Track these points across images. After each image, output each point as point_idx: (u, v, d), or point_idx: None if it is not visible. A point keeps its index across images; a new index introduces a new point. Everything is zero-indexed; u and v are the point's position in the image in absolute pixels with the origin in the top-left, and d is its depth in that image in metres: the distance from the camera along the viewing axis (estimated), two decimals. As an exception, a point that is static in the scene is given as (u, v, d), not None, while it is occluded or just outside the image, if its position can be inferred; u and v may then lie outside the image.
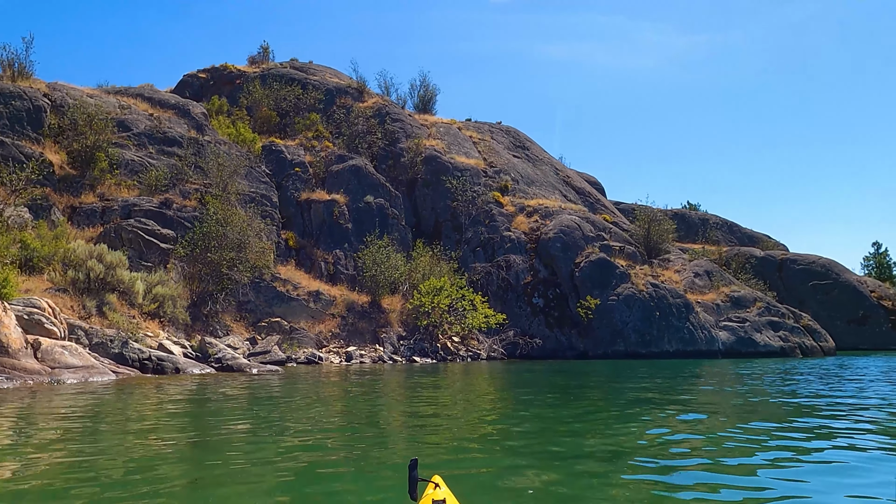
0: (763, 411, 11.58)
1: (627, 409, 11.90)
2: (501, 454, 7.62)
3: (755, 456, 7.42)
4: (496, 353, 33.09)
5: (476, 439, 8.64)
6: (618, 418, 10.62)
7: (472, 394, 14.96)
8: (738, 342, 36.39)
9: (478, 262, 37.27)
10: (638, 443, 8.39)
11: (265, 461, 7.07)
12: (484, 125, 48.55)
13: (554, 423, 10.02)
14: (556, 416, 10.78)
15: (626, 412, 11.40)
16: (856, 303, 57.80)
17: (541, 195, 41.72)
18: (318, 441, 8.52)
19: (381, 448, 8.12)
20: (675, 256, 42.27)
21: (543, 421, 10.32)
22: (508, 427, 9.76)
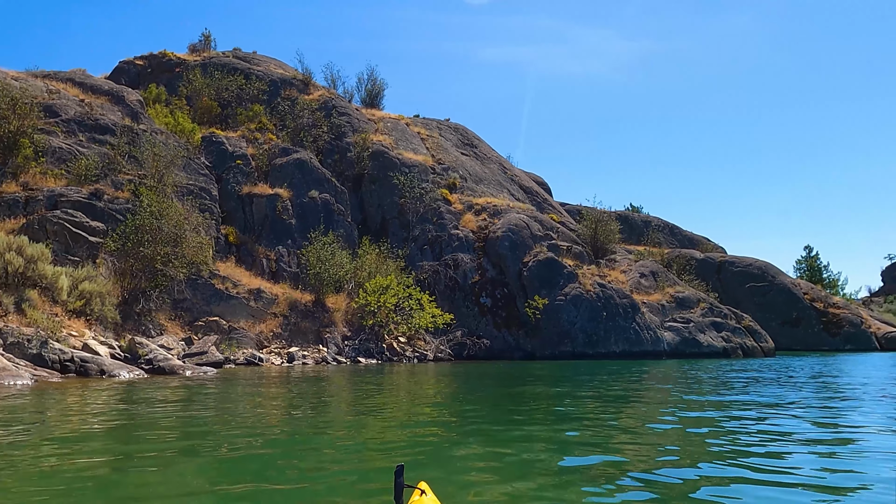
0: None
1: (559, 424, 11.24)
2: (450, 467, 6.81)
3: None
4: (443, 353, 32.32)
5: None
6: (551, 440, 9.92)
7: (417, 401, 14.15)
8: (682, 343, 36.40)
9: (425, 260, 36.45)
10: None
11: (196, 484, 6.12)
12: (432, 122, 47.75)
13: (498, 444, 9.26)
14: (502, 438, 10.03)
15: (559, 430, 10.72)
16: (790, 305, 58.91)
17: (489, 193, 41.12)
18: (255, 455, 7.57)
19: (320, 468, 7.22)
20: (621, 257, 42.20)
21: (488, 439, 9.56)
22: (451, 443, 8.97)
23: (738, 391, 15.83)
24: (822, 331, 58.27)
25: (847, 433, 9.51)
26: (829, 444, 8.65)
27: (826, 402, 13.53)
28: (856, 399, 14.32)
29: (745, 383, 18.52)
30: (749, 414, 11.46)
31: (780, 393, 15.39)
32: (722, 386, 17.63)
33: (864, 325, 59.60)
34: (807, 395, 15.16)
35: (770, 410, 12.01)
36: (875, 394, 15.43)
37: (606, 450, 8.13)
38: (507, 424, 9.54)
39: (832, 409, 12.27)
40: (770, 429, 9.82)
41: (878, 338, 58.58)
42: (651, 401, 14.18)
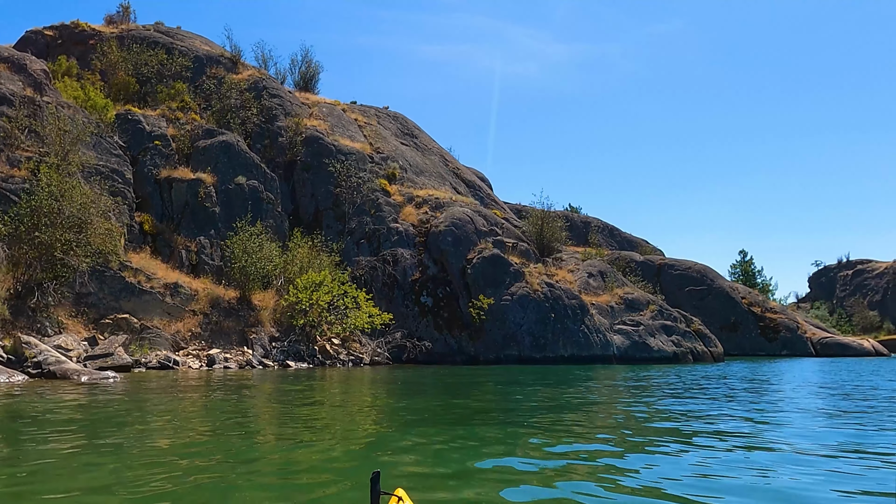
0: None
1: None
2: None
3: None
4: (380, 357, 29.71)
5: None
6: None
7: (353, 421, 11.58)
8: (632, 347, 34.68)
9: (362, 255, 33.75)
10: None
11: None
12: (370, 109, 45.02)
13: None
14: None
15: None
16: (728, 309, 58.28)
17: (431, 186, 38.68)
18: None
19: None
20: (567, 256, 40.34)
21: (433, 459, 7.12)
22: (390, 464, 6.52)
23: (707, 408, 13.80)
24: (759, 336, 57.82)
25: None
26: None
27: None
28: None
29: (711, 395, 16.54)
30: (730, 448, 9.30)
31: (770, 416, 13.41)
32: (679, 398, 15.61)
33: (800, 331, 59.49)
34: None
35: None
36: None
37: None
38: (454, 464, 7.09)
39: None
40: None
41: (812, 343, 58.50)
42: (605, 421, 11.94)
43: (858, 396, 15.41)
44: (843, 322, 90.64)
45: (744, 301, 60.07)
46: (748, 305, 59.82)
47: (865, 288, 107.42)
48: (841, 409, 12.82)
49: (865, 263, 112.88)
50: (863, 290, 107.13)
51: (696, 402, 13.85)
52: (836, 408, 13.10)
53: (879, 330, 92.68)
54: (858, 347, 59.42)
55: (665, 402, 13.70)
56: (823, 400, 14.78)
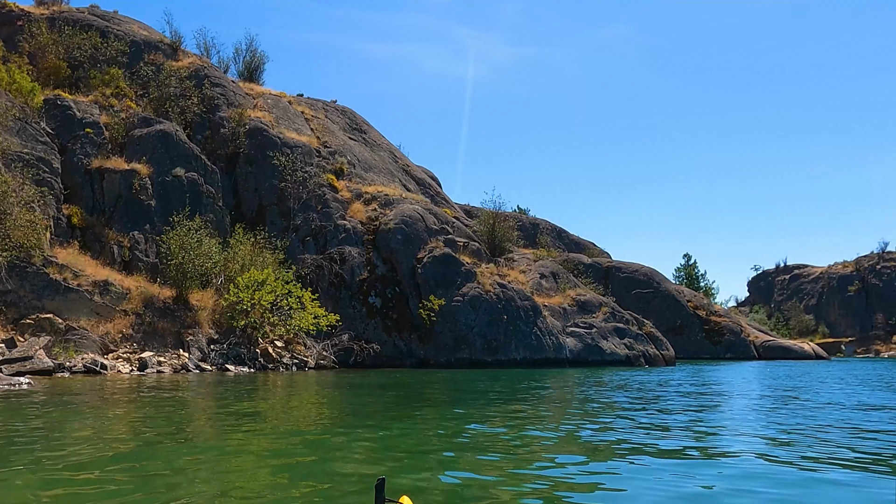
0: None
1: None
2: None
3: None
4: (326, 360, 28.26)
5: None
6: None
7: (294, 441, 10.27)
8: (585, 349, 33.94)
9: (308, 253, 32.21)
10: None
11: None
12: (318, 102, 43.39)
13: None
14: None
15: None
16: (674, 312, 58.31)
17: (380, 182, 37.31)
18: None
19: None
20: (519, 256, 39.44)
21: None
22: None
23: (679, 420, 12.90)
24: (704, 339, 57.98)
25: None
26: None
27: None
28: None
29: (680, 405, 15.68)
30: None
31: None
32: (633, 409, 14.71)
33: (743, 334, 59.91)
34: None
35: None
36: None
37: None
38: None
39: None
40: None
41: (756, 346, 58.96)
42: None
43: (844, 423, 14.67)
44: (780, 326, 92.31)
45: (689, 304, 60.25)
46: (693, 308, 60.02)
47: (802, 292, 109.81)
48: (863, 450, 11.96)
49: (802, 268, 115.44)
50: (799, 295, 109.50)
51: (668, 437, 12.89)
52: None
53: (815, 333, 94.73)
54: (800, 351, 60.13)
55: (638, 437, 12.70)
56: (791, 417, 13.97)
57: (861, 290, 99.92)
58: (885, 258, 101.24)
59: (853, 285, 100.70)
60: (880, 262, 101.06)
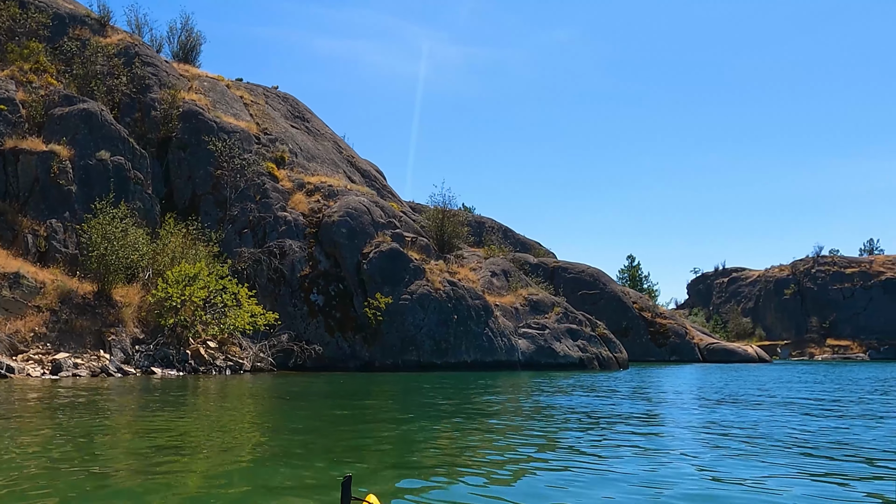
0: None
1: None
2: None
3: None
4: (263, 363, 26.09)
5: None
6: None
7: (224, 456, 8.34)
8: (537, 352, 32.49)
9: (245, 246, 29.91)
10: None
11: None
12: (258, 88, 40.96)
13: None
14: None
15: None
16: (620, 314, 57.54)
17: (323, 172, 35.18)
18: None
19: None
20: (469, 253, 37.82)
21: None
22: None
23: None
24: (649, 341, 57.38)
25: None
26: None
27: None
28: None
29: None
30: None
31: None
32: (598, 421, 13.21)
33: (688, 336, 59.60)
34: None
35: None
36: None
37: None
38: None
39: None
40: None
41: (700, 349, 58.68)
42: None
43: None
44: (718, 328, 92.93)
45: (635, 306, 59.65)
46: (639, 310, 59.45)
47: (740, 295, 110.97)
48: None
49: (740, 272, 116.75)
50: (737, 298, 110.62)
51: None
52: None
53: (752, 336, 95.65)
54: (743, 353, 60.09)
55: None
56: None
57: (797, 293, 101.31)
58: (820, 262, 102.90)
59: (789, 289, 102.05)
60: (815, 266, 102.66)
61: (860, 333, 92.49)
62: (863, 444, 9.26)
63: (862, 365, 57.04)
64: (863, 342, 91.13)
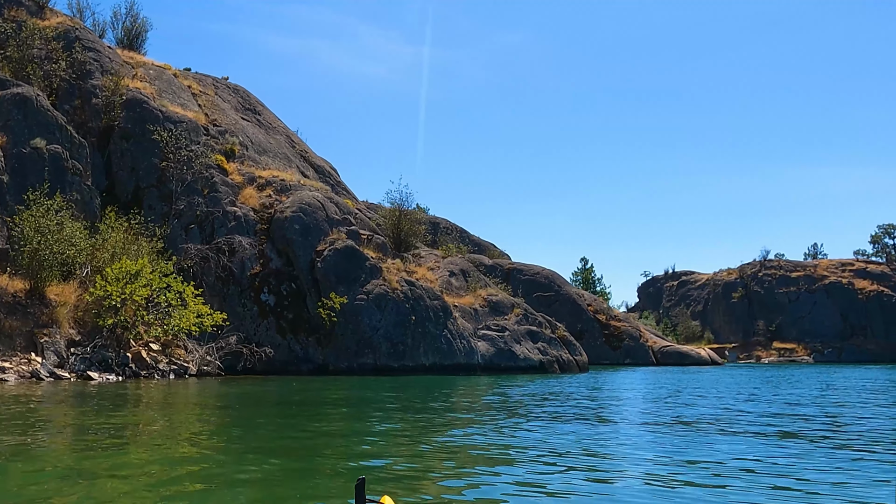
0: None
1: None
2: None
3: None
4: (210, 366, 24.57)
5: None
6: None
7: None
8: (497, 355, 31.51)
9: (192, 242, 28.29)
10: None
11: None
12: (207, 78, 39.19)
13: None
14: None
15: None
16: (575, 316, 57.04)
17: (275, 166, 33.68)
18: None
19: None
20: (426, 252, 36.69)
21: None
22: None
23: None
24: (604, 344, 56.98)
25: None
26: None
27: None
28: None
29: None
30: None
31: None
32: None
33: (642, 339, 59.46)
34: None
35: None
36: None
37: None
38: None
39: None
40: None
41: (654, 352, 58.58)
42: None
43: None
44: (668, 331, 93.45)
45: (590, 308, 59.29)
46: (594, 313, 59.09)
47: (689, 298, 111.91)
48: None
49: (689, 275, 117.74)
50: (686, 301, 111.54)
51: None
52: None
53: (701, 339, 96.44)
54: (697, 356, 60.14)
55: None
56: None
57: (744, 297, 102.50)
58: (767, 266, 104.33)
59: (737, 292, 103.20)
60: (762, 269, 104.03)
61: (805, 336, 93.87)
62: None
63: (812, 367, 57.38)
64: (807, 345, 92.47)
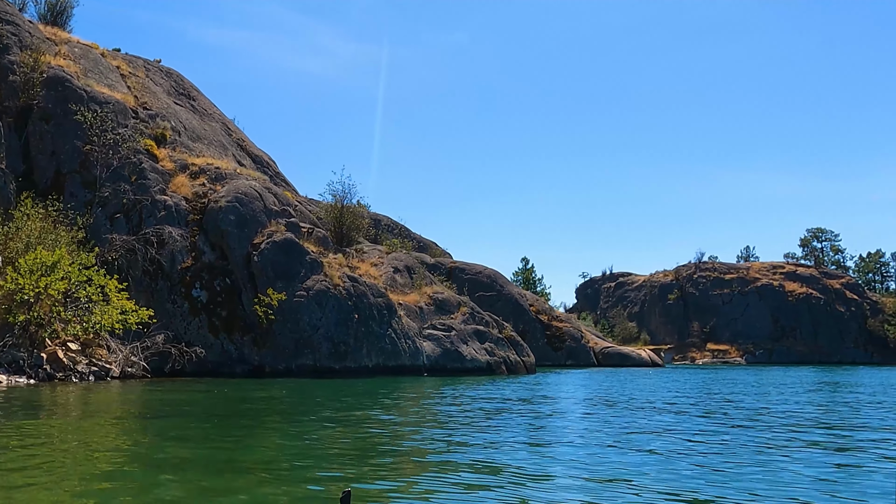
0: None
1: None
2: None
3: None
4: (135, 368, 22.57)
5: None
6: None
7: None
8: (444, 355, 30.19)
9: (117, 232, 26.15)
10: None
11: None
12: (138, 59, 36.78)
13: None
14: None
15: None
16: (517, 316, 56.12)
17: (210, 154, 31.66)
18: None
19: None
20: (369, 248, 35.13)
21: None
22: None
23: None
24: (546, 345, 56.18)
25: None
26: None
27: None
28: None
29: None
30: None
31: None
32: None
33: (583, 340, 58.97)
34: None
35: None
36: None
37: None
38: None
39: None
40: None
41: (595, 353, 58.15)
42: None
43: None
44: (605, 332, 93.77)
45: (532, 308, 58.51)
46: (536, 313, 58.33)
47: (626, 300, 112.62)
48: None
49: (626, 276, 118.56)
50: (624, 302, 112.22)
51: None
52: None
53: (637, 340, 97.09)
54: (637, 358, 59.94)
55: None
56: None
57: (680, 298, 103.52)
58: (702, 268, 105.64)
59: (673, 294, 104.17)
60: (697, 271, 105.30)
61: (738, 338, 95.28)
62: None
63: (749, 369, 57.77)
64: (740, 347, 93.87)
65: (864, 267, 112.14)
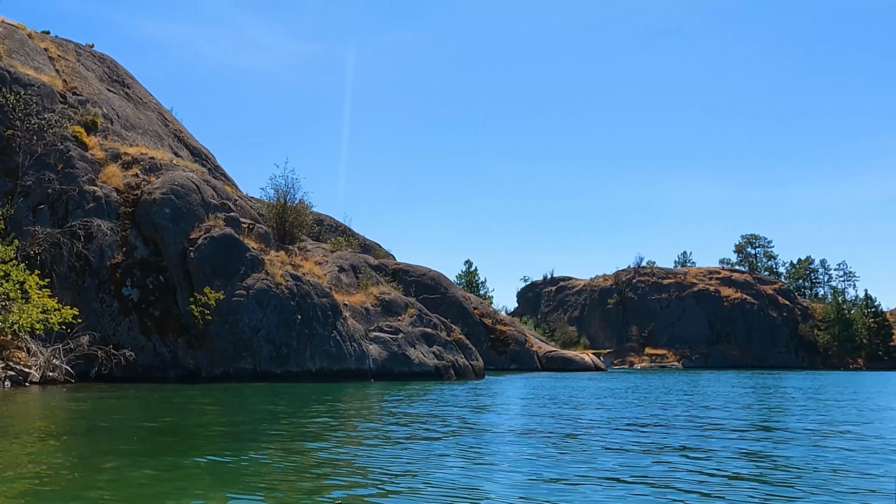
0: None
1: None
2: None
3: None
4: (57, 372, 20.68)
5: None
6: None
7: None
8: (391, 359, 28.93)
9: (41, 225, 24.12)
10: None
11: None
12: (69, 43, 34.49)
13: None
14: None
15: None
16: (461, 319, 55.08)
17: (144, 144, 29.74)
18: None
19: None
20: (313, 246, 33.65)
21: None
22: None
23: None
24: (490, 349, 55.37)
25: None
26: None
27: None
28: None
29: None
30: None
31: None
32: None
33: (527, 344, 58.38)
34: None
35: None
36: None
37: None
38: None
39: None
40: None
41: (539, 357, 57.63)
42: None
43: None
44: (546, 337, 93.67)
45: (476, 312, 57.67)
46: (480, 316, 57.54)
47: (566, 304, 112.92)
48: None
49: (567, 280, 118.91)
50: (564, 306, 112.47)
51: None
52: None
53: (577, 345, 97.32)
54: (581, 362, 59.62)
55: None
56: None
57: (619, 303, 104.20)
58: (641, 273, 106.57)
59: (612, 298, 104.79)
60: (636, 276, 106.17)
61: (675, 343, 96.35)
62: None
63: (694, 373, 57.98)
64: (677, 351, 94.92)
65: (795, 273, 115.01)
